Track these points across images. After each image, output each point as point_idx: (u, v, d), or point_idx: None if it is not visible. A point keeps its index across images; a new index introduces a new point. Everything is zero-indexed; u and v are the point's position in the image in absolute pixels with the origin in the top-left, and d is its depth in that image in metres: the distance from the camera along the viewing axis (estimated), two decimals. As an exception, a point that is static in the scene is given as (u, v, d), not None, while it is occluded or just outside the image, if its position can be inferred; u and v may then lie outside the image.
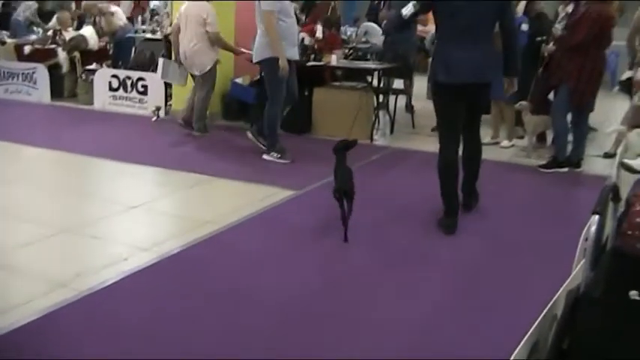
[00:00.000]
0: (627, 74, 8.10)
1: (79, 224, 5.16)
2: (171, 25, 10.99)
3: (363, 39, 11.76)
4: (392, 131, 8.93)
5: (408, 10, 5.31)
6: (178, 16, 8.32)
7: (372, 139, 8.43)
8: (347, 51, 9.72)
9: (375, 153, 7.74)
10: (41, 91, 10.64)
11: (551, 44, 7.52)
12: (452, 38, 5.27)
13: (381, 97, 9.14)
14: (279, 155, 7.29)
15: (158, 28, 11.74)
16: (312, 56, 8.75)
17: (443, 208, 5.39)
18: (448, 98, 5.31)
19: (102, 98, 10.08)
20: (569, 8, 7.68)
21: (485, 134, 8.42)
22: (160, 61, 8.81)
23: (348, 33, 13.50)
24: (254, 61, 7.35)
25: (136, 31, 12.20)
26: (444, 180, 5.37)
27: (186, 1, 8.24)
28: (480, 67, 5.29)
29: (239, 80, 9.23)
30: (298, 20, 8.85)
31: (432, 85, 5.57)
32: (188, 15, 8.16)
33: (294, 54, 7.30)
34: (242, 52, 8.61)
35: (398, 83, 9.84)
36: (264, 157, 7.32)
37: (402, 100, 9.65)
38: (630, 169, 5.84)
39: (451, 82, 5.23)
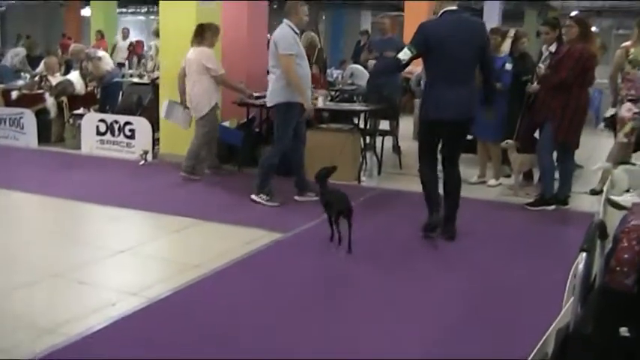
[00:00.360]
0: (611, 111, 8.20)
1: (66, 269, 5.12)
2: (155, 68, 11.11)
3: (349, 81, 11.86)
4: (379, 172, 8.95)
5: (405, 55, 5.86)
6: (184, 60, 8.38)
7: (359, 180, 8.44)
8: (333, 93, 9.78)
9: (363, 194, 7.75)
10: (28, 136, 10.64)
11: (535, 83, 7.60)
12: (440, 79, 5.88)
13: (367, 138, 9.19)
14: (267, 198, 7.27)
15: (145, 73, 11.78)
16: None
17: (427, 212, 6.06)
18: (435, 132, 6.04)
19: (89, 142, 10.08)
20: (553, 48, 7.79)
21: (472, 174, 8.49)
22: (165, 102, 8.83)
23: (335, 75, 13.62)
24: (268, 105, 7.36)
25: (123, 76, 12.26)
26: (425, 186, 6.14)
27: (192, 47, 8.30)
28: (467, 104, 5.91)
29: (226, 124, 9.27)
30: None
31: (422, 121, 6.14)
32: (190, 60, 8.27)
33: (309, 97, 7.32)
34: (250, 93, 8.68)
35: (384, 124, 9.89)
36: (253, 197, 7.30)
37: (388, 141, 9.69)
38: (617, 206, 5.87)
39: (441, 119, 5.84)
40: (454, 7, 5.95)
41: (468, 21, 6.04)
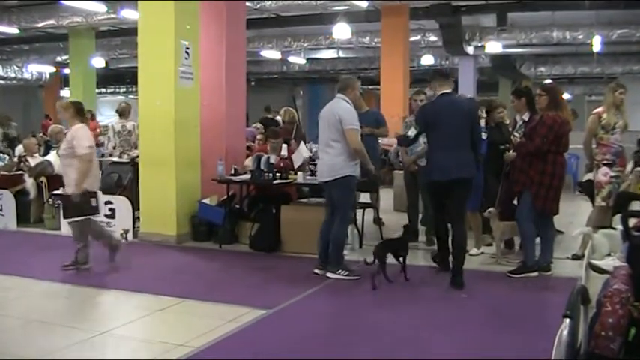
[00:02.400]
0: (587, 177, 8.30)
1: (46, 352, 5.03)
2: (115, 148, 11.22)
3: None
4: (361, 245, 8.91)
5: (412, 132, 7.34)
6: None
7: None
8: (313, 167, 9.83)
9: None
10: (7, 218, 10.55)
11: (511, 151, 7.70)
12: (440, 146, 6.99)
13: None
14: (347, 272, 7.23)
15: (128, 150, 11.79)
16: (278, 174, 8.83)
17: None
18: (440, 192, 7.15)
19: (69, 223, 10.00)
20: (525, 116, 7.93)
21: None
22: None
23: (314, 150, 13.72)
24: (326, 180, 7.30)
25: (102, 155, 12.27)
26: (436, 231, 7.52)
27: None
28: (466, 165, 6.94)
29: (207, 201, 9.27)
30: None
31: (426, 183, 7.54)
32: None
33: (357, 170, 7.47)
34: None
35: (365, 197, 9.93)
36: (331, 275, 7.24)
37: (369, 213, 9.70)
38: (598, 270, 5.89)
39: (445, 179, 6.91)
40: (449, 90, 7.20)
41: (460, 100, 7.69)
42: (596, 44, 16.68)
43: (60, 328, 5.72)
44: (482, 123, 8.38)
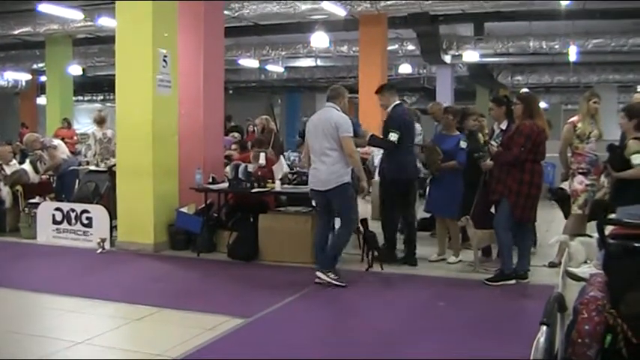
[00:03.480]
0: (564, 184, 8.37)
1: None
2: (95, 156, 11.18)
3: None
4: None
5: (394, 137, 8.00)
6: None
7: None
8: (291, 176, 9.83)
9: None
10: (-18, 227, 10.46)
11: (488, 160, 7.74)
12: (410, 149, 8.26)
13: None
14: (336, 277, 7.25)
15: (107, 157, 11.73)
16: (256, 183, 8.81)
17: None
18: (404, 189, 8.23)
19: (45, 232, 9.93)
20: (503, 125, 7.99)
21: (432, 252, 8.53)
22: None
23: (292, 158, 13.72)
24: (325, 188, 7.29)
25: (79, 164, 12.20)
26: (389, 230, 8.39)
27: None
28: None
29: (185, 209, 9.23)
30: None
31: (394, 181, 8.22)
32: None
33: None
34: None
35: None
36: (321, 276, 7.25)
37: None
38: (575, 277, 5.95)
39: (414, 178, 8.50)
40: (399, 101, 8.39)
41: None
42: (572, 54, 16.85)
43: (35, 339, 5.66)
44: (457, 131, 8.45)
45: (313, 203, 8.00)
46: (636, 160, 6.74)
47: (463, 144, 8.16)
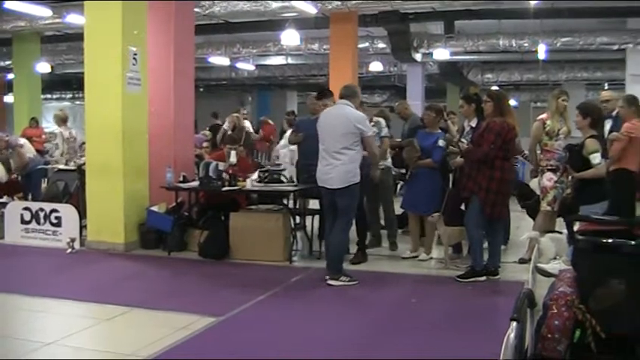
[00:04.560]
0: (533, 182, 8.45)
1: (-11, 366, 4.92)
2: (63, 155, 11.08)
3: (277, 162, 11.90)
4: (311, 252, 8.91)
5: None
6: None
7: (290, 260, 8.39)
8: (262, 174, 9.80)
9: (295, 275, 7.72)
10: (-51, 228, 10.30)
11: (458, 157, 7.78)
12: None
13: (297, 218, 9.20)
14: (349, 279, 7.24)
15: (73, 156, 11.62)
16: (227, 181, 8.77)
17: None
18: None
19: (13, 232, 9.80)
20: (473, 123, 8.04)
21: (406, 248, 8.57)
22: None
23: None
24: (337, 187, 7.25)
25: (47, 163, 12.07)
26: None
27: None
28: None
29: (155, 208, 9.17)
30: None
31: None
32: None
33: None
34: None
35: (314, 203, 9.92)
36: (332, 283, 7.21)
37: (318, 220, 9.70)
38: (545, 273, 6.01)
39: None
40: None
41: None
42: (542, 52, 17.00)
43: (3, 340, 5.59)
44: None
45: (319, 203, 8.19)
46: (595, 160, 6.84)
47: (441, 142, 8.19)
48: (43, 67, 19.64)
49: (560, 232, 6.58)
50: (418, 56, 18.55)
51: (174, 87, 9.93)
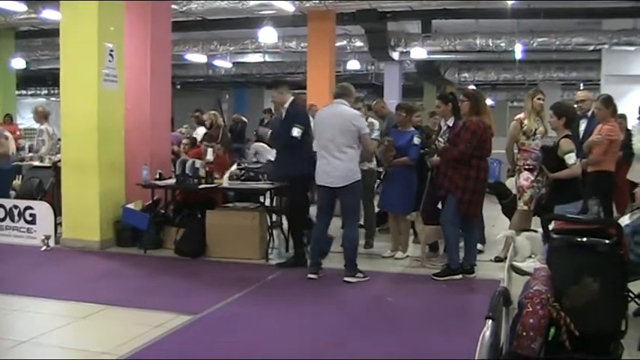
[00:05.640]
0: (509, 181, 8.51)
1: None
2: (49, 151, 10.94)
3: (254, 159, 11.88)
4: (287, 250, 8.89)
5: (298, 132, 7.60)
6: None
7: (267, 258, 8.37)
8: (238, 172, 9.78)
9: (271, 272, 7.71)
10: None
11: (435, 156, 7.81)
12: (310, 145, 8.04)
13: (274, 216, 9.19)
14: (363, 275, 7.32)
15: (50, 153, 11.51)
16: (204, 179, 8.74)
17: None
18: (306, 185, 8.16)
19: (-13, 229, 9.71)
20: (450, 122, 8.06)
21: (386, 247, 8.59)
22: None
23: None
24: (340, 185, 7.28)
25: (22, 159, 11.94)
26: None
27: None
28: None
29: (131, 206, 9.11)
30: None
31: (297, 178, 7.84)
32: None
33: None
34: None
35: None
36: (349, 280, 7.24)
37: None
38: (520, 272, 6.05)
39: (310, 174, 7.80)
40: None
41: None
42: (518, 51, 17.12)
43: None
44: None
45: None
46: (570, 160, 6.90)
47: (416, 140, 8.21)
48: (18, 63, 19.46)
49: (536, 231, 6.63)
50: (395, 55, 18.60)
51: (151, 84, 9.88)
